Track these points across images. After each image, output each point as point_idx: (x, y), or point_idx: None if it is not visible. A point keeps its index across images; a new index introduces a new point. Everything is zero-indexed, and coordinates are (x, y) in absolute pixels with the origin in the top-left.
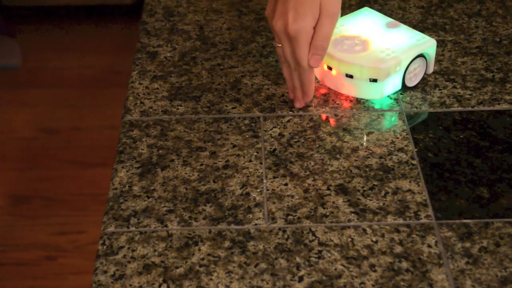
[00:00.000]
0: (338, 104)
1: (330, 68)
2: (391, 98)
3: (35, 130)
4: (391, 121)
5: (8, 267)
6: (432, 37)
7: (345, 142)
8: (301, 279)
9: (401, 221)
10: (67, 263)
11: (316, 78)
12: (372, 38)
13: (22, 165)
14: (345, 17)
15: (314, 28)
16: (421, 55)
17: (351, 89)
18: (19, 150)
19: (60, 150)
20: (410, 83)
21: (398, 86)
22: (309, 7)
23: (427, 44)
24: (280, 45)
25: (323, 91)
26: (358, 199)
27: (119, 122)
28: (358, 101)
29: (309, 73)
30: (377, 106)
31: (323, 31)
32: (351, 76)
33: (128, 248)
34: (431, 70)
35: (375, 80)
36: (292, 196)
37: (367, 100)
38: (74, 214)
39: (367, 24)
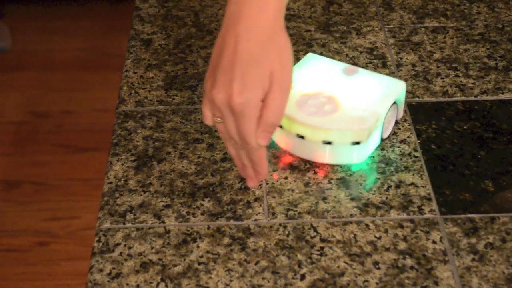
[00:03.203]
0: None
1: (301, 137)
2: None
3: (25, 114)
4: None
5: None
6: (433, 24)
7: None
8: (303, 277)
9: (404, 216)
10: (59, 249)
11: (277, 147)
12: (337, 93)
13: (13, 149)
14: (294, 68)
15: (263, 101)
16: (393, 103)
17: (329, 156)
18: (9, 134)
19: (51, 134)
20: (385, 134)
21: (378, 141)
22: (258, 77)
23: (398, 89)
24: (221, 120)
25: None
26: (360, 193)
27: (111, 105)
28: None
29: (259, 151)
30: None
31: (275, 106)
32: (329, 143)
33: (125, 245)
34: (401, 115)
35: (357, 143)
36: (293, 190)
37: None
38: (66, 199)
39: (323, 75)
